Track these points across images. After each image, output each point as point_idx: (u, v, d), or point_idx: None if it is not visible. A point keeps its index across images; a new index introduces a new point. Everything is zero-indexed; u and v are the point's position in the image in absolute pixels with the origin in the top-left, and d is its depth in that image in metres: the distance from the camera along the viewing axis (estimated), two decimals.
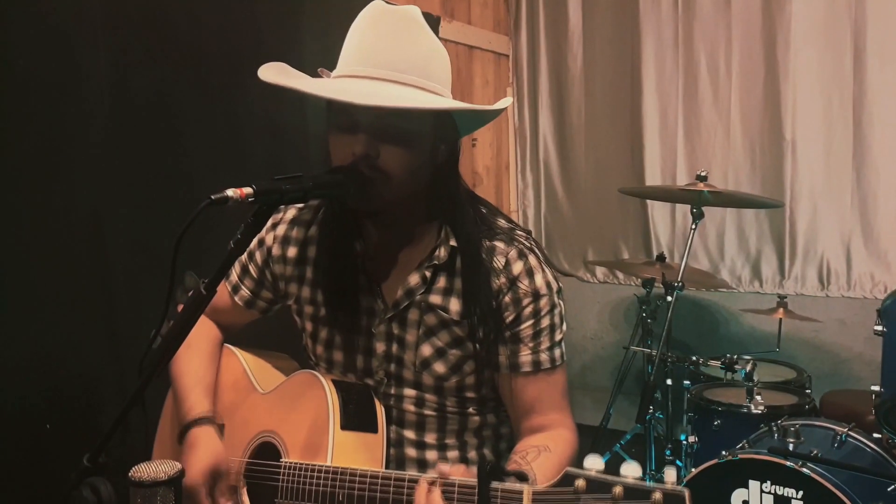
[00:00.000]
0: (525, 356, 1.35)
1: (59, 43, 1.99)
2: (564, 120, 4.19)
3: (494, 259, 1.35)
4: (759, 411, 2.57)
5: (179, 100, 2.30)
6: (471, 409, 1.42)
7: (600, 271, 4.22)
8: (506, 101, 1.33)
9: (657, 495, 0.92)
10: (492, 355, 1.36)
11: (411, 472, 1.20)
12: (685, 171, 3.85)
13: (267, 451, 1.38)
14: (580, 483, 0.96)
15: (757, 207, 3.52)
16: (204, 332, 1.56)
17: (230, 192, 1.00)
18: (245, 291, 1.53)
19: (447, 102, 1.28)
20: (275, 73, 1.27)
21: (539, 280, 1.35)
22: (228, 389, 1.52)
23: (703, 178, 2.75)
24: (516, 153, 4.33)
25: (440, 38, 3.40)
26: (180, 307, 1.12)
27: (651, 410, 2.92)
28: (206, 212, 0.98)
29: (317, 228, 1.44)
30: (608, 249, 4.15)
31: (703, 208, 2.81)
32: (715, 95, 3.75)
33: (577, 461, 1.02)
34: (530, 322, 1.35)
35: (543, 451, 1.30)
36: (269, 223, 1.44)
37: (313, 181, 1.11)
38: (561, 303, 1.39)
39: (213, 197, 0.99)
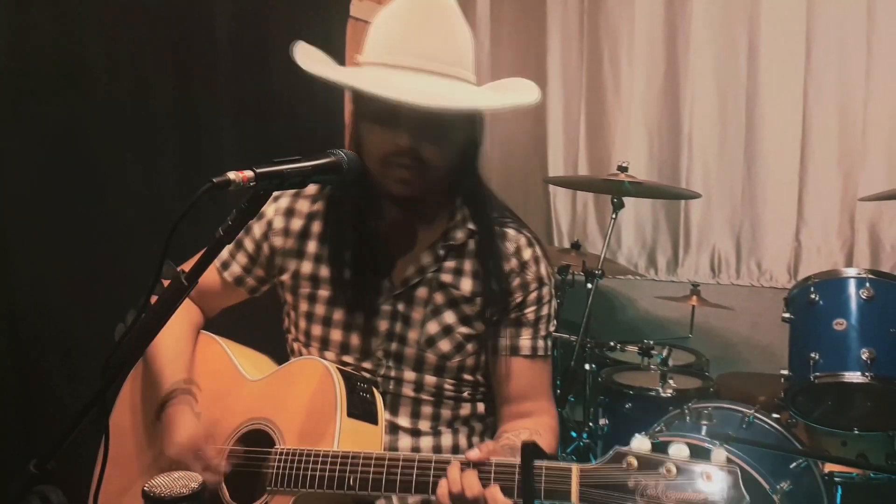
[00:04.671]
0: (525, 340, 1.41)
1: None
2: None
3: (506, 243, 1.41)
4: (668, 395, 2.68)
5: (84, 56, 2.06)
6: (465, 394, 1.44)
7: None
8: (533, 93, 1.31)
9: (709, 474, 0.94)
10: (495, 337, 1.41)
11: (438, 455, 1.18)
12: (586, 161, 3.95)
13: (255, 438, 1.32)
14: (631, 460, 0.97)
15: (675, 199, 3.65)
16: (181, 309, 1.47)
17: (232, 175, 0.93)
18: (237, 267, 1.48)
19: (503, 99, 1.31)
20: (318, 63, 1.27)
21: (544, 269, 1.44)
22: (210, 377, 1.44)
23: (624, 169, 2.79)
24: None
25: (351, 17, 3.25)
26: (154, 299, 1.02)
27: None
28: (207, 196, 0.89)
29: (324, 203, 1.43)
30: None
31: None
32: (616, 88, 3.85)
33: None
34: (534, 308, 1.41)
35: (535, 434, 1.33)
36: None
37: (313, 165, 1.04)
38: (555, 298, 1.45)
39: (214, 180, 0.91)
